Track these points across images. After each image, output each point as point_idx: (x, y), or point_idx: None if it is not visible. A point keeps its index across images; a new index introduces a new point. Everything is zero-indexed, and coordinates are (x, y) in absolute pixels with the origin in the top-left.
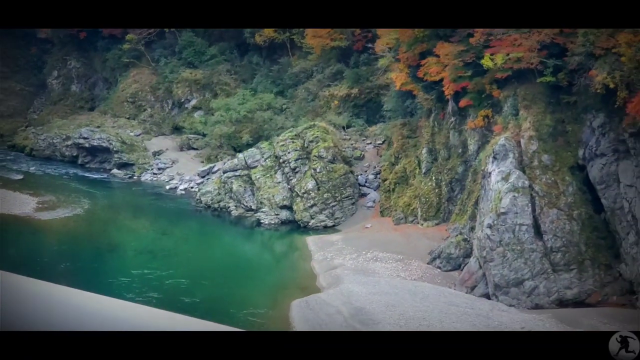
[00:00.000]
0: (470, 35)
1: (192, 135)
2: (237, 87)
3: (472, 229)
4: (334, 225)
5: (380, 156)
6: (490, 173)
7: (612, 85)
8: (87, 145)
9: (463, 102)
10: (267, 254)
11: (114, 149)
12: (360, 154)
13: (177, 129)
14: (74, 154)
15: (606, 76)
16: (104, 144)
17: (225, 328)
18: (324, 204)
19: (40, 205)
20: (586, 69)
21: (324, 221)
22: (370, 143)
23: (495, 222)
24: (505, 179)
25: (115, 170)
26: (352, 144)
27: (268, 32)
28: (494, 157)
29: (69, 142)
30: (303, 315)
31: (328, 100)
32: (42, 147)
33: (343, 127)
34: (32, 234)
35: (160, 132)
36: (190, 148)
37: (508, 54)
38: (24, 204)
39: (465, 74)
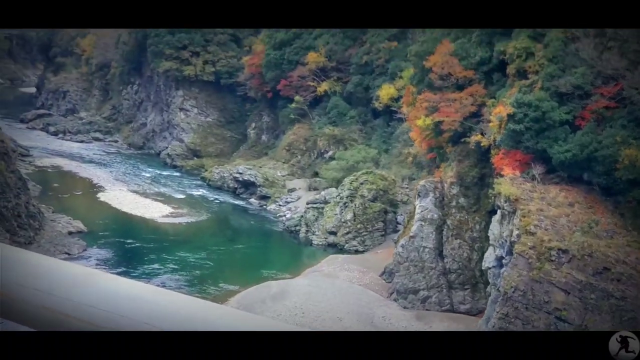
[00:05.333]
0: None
1: (318, 179)
2: (361, 143)
3: None
4: (363, 251)
5: None
6: (415, 207)
7: (484, 144)
8: (240, 179)
9: (429, 156)
10: (289, 260)
11: (258, 184)
12: (407, 199)
13: (315, 174)
14: (236, 186)
15: (481, 137)
16: (252, 179)
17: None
18: (357, 232)
19: (169, 214)
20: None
21: (355, 246)
22: None
23: (406, 243)
24: (422, 212)
25: (252, 200)
26: (407, 192)
27: (384, 100)
28: (418, 195)
29: (231, 176)
30: (248, 291)
31: (406, 156)
32: (216, 179)
33: (410, 179)
34: (137, 228)
35: (302, 175)
36: (315, 189)
37: (434, 119)
38: (158, 211)
39: (429, 134)
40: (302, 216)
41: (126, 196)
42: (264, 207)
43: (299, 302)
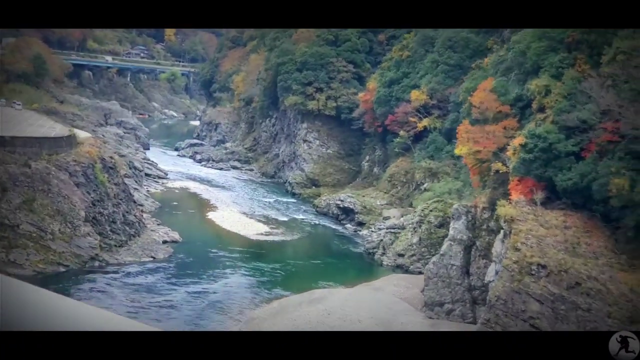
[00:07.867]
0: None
1: (411, 208)
2: (453, 177)
3: None
4: None
5: None
6: (449, 228)
7: (501, 171)
8: (341, 205)
9: (475, 184)
10: (352, 276)
11: (356, 211)
12: None
13: (411, 204)
14: (338, 213)
15: (501, 165)
16: (351, 206)
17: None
18: (421, 255)
19: (264, 233)
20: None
21: (419, 268)
22: None
23: (437, 260)
24: (453, 232)
25: (348, 225)
26: None
27: None
28: (452, 217)
29: (334, 204)
30: (294, 297)
31: None
32: (322, 205)
33: None
34: (227, 242)
35: (400, 205)
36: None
37: (470, 149)
38: (254, 230)
39: (475, 164)
40: (381, 239)
41: (233, 216)
42: (358, 232)
43: (332, 306)
